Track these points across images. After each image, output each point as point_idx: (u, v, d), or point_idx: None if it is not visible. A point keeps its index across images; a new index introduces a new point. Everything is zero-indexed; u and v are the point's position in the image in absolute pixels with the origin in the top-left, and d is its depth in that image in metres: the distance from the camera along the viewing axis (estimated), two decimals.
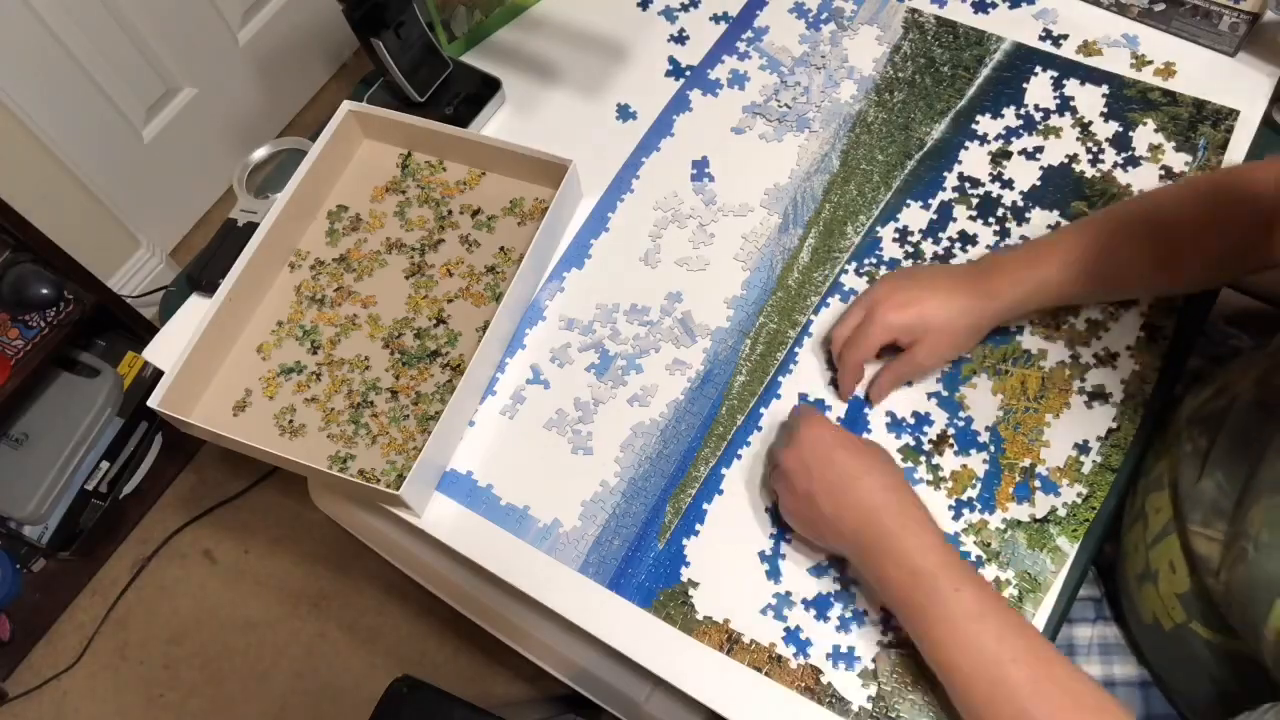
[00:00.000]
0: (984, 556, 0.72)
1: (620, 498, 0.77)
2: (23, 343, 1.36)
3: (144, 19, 1.53)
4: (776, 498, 0.73)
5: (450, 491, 0.79)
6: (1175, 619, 0.68)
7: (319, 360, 0.84)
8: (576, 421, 0.80)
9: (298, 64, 1.93)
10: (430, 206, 0.91)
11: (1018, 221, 0.85)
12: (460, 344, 0.84)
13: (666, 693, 0.86)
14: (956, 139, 0.89)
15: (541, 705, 1.41)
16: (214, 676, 1.55)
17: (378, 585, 1.57)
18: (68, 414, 1.55)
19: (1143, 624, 0.73)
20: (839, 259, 0.85)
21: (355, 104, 0.90)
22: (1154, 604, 0.70)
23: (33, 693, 1.55)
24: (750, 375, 0.81)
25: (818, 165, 0.90)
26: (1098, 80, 0.90)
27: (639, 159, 0.92)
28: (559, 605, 0.74)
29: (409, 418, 0.81)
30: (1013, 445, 0.76)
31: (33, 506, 1.50)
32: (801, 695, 0.69)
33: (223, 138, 1.82)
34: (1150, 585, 0.71)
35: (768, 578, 0.73)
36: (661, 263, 0.87)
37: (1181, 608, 0.67)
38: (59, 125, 1.48)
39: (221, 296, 0.82)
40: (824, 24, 0.97)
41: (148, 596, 1.61)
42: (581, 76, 0.97)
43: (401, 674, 1.01)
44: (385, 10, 0.85)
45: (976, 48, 0.94)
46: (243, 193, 0.96)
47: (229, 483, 1.68)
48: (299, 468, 0.77)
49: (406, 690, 0.99)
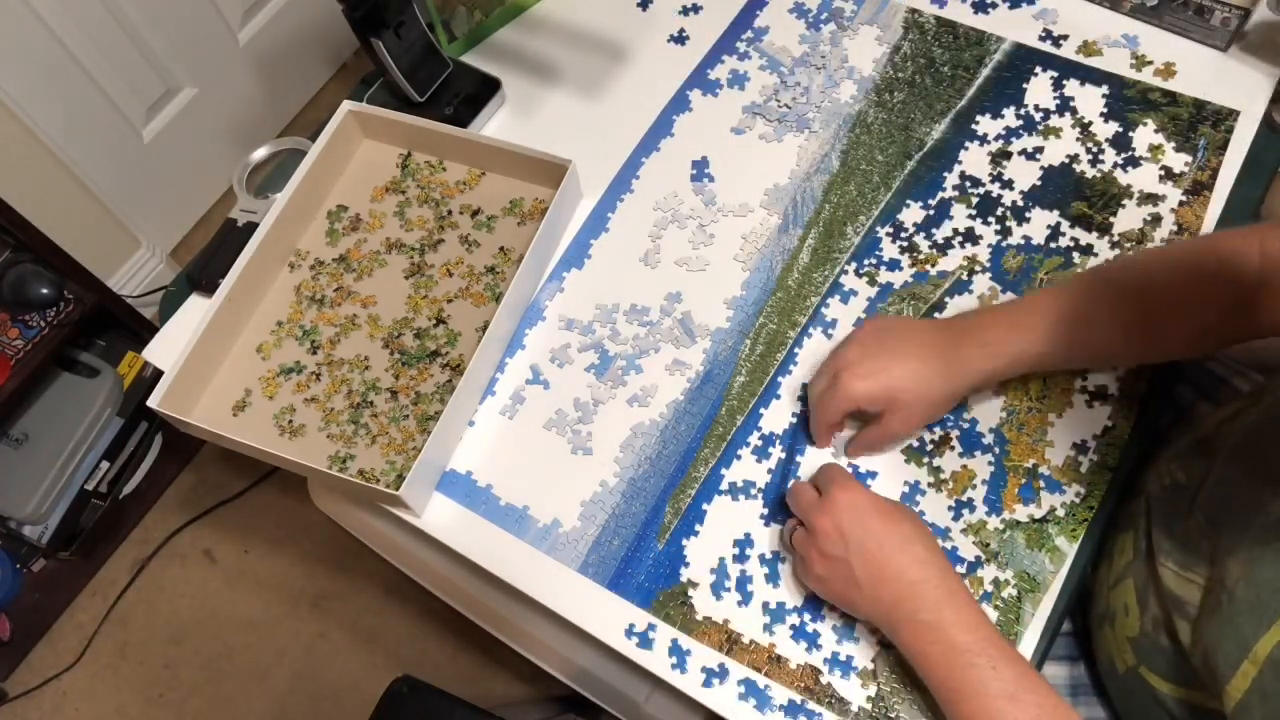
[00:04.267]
0: (983, 557, 0.72)
1: (620, 498, 0.77)
2: (23, 343, 1.36)
3: (144, 19, 1.53)
4: (794, 553, 0.71)
5: (450, 491, 0.79)
6: (1127, 662, 0.69)
7: (319, 360, 0.84)
8: (576, 422, 0.80)
9: (298, 64, 1.93)
10: (430, 206, 0.91)
11: (1018, 221, 0.85)
12: (460, 344, 0.84)
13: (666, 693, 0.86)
14: (956, 139, 0.89)
15: (541, 705, 1.41)
16: (214, 676, 1.55)
17: (378, 585, 1.57)
18: (68, 414, 1.55)
19: (1103, 665, 0.73)
20: (839, 259, 0.85)
21: (355, 104, 0.90)
22: (1110, 645, 0.71)
23: (33, 693, 1.55)
24: (750, 376, 0.81)
25: (818, 165, 0.90)
26: (1098, 80, 0.90)
27: (639, 159, 0.92)
28: (559, 605, 0.74)
29: (409, 418, 0.81)
30: (1017, 446, 0.76)
31: (33, 506, 1.50)
32: (801, 695, 0.69)
33: (223, 138, 1.82)
34: (1108, 626, 0.71)
35: (767, 581, 0.73)
36: (661, 263, 0.87)
37: (1132, 652, 0.68)
38: (59, 125, 1.48)
39: (221, 296, 0.82)
40: (824, 24, 0.97)
41: (148, 596, 1.61)
42: (581, 76, 0.97)
43: (401, 674, 1.01)
44: (385, 10, 0.85)
45: (976, 48, 0.94)
46: (243, 193, 0.96)
47: (229, 483, 1.68)
48: (299, 468, 0.77)
49: (406, 690, 0.99)
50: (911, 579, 0.64)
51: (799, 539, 0.70)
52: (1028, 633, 0.70)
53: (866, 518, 0.66)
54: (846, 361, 0.72)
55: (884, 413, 0.72)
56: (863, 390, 0.70)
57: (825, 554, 0.66)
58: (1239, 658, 0.55)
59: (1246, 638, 0.54)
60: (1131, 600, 0.68)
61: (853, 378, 0.71)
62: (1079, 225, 0.84)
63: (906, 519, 0.67)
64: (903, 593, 0.64)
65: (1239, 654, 0.55)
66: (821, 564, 0.67)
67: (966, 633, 0.62)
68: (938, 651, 0.62)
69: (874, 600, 0.65)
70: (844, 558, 0.65)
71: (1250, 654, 0.54)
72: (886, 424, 0.72)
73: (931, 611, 0.63)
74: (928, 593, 0.63)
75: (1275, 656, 0.52)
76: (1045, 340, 0.70)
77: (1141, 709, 0.69)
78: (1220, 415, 0.71)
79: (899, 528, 0.66)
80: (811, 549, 0.68)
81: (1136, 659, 0.68)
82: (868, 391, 0.70)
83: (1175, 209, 0.83)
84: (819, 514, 0.67)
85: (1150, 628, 0.66)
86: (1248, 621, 0.55)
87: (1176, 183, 0.85)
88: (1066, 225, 0.84)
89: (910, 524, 0.67)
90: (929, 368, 0.70)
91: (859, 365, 0.71)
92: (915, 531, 0.66)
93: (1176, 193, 0.84)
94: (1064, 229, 0.84)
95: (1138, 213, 0.84)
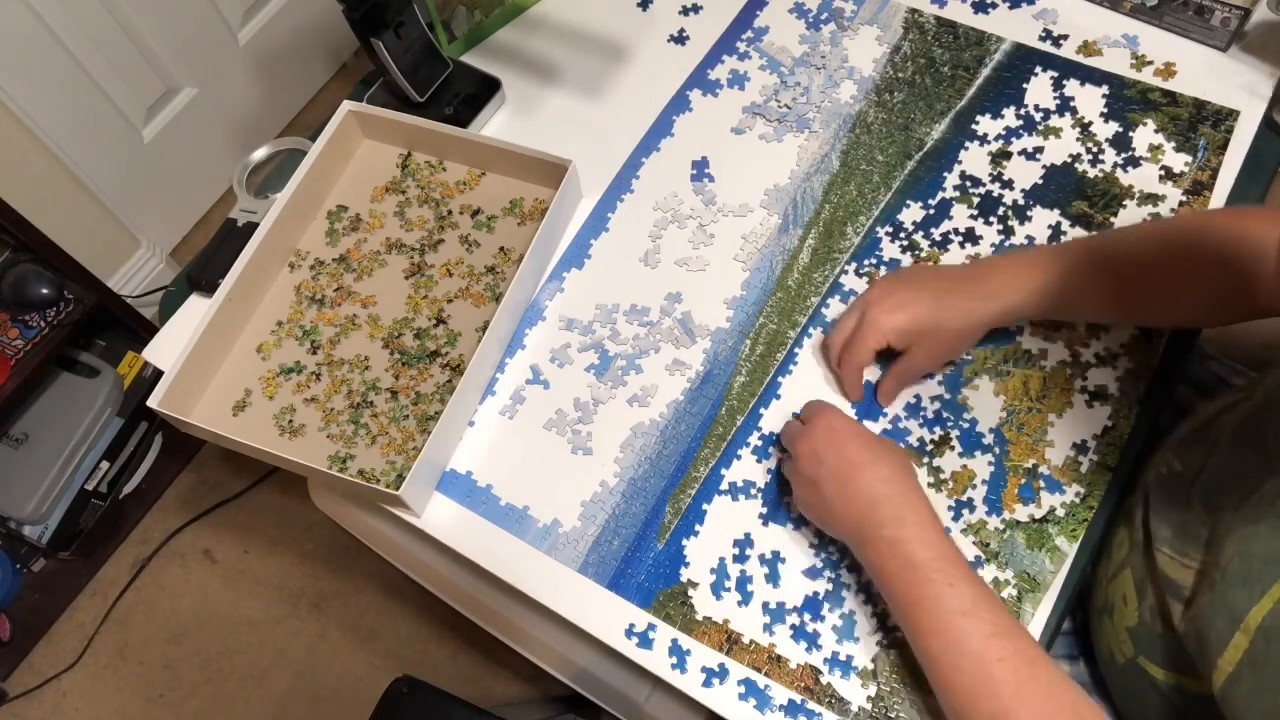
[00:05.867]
0: (983, 557, 0.72)
1: (620, 498, 0.77)
2: (23, 343, 1.36)
3: (144, 19, 1.53)
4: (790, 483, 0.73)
5: (450, 491, 0.79)
6: (1126, 653, 0.69)
7: (319, 360, 0.84)
8: (576, 422, 0.80)
9: (298, 64, 1.93)
10: (430, 206, 0.91)
11: (1019, 220, 0.85)
12: (460, 344, 0.84)
13: (666, 693, 0.86)
14: (956, 139, 0.89)
15: (541, 705, 1.41)
16: (214, 676, 1.55)
17: (378, 585, 1.57)
18: (68, 414, 1.55)
19: (1102, 658, 0.74)
20: (839, 259, 0.85)
21: (355, 104, 0.90)
22: (1109, 637, 0.71)
23: (33, 693, 1.55)
24: (750, 376, 0.81)
25: (818, 165, 0.90)
26: (1098, 80, 0.90)
27: (639, 159, 0.92)
28: (559, 605, 0.74)
29: (409, 418, 0.81)
30: (1017, 446, 0.76)
31: (33, 506, 1.50)
32: (801, 695, 0.69)
33: (223, 138, 1.82)
34: (1107, 619, 0.72)
35: (767, 581, 0.73)
36: (661, 263, 0.87)
37: (1131, 642, 0.68)
38: (59, 125, 1.48)
39: (221, 296, 0.82)
40: (824, 24, 0.97)
41: (148, 596, 1.61)
42: (581, 76, 0.97)
43: (401, 674, 1.01)
44: (385, 10, 0.85)
45: (976, 48, 0.94)
46: (243, 193, 0.96)
47: (229, 483, 1.68)
48: (299, 468, 0.77)
49: (406, 690, 0.99)
50: (874, 495, 0.66)
51: (786, 467, 0.73)
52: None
53: (840, 440, 0.69)
54: (873, 299, 0.75)
55: (910, 347, 0.74)
56: (891, 323, 0.73)
57: (804, 476, 0.70)
58: (1231, 630, 0.55)
59: (1239, 610, 0.55)
60: (1130, 590, 0.69)
61: (881, 312, 0.73)
62: (1079, 225, 0.84)
63: (880, 443, 0.70)
64: (865, 509, 0.66)
65: (1231, 627, 0.55)
66: (801, 486, 0.70)
67: (926, 549, 0.63)
68: (896, 566, 0.64)
69: (842, 518, 0.68)
70: (818, 477, 0.68)
71: (1242, 624, 0.54)
72: (911, 357, 0.75)
73: (893, 527, 0.65)
74: (889, 510, 0.65)
75: (1266, 625, 0.53)
76: (1063, 283, 0.73)
77: (1140, 700, 0.69)
78: (1217, 405, 0.71)
79: (868, 450, 0.68)
80: (794, 474, 0.71)
81: (1135, 649, 0.68)
82: (896, 324, 0.73)
83: (1175, 209, 0.83)
84: (801, 439, 0.71)
85: (1148, 616, 0.67)
86: (1239, 594, 0.55)
87: (1176, 183, 0.85)
88: (1067, 225, 0.84)
89: (882, 446, 0.69)
90: (952, 300, 0.73)
91: (886, 300, 0.74)
92: (886, 452, 0.69)
93: (1176, 193, 0.84)
94: (1065, 229, 0.84)
95: (1138, 212, 0.84)
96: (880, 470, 0.67)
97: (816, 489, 0.68)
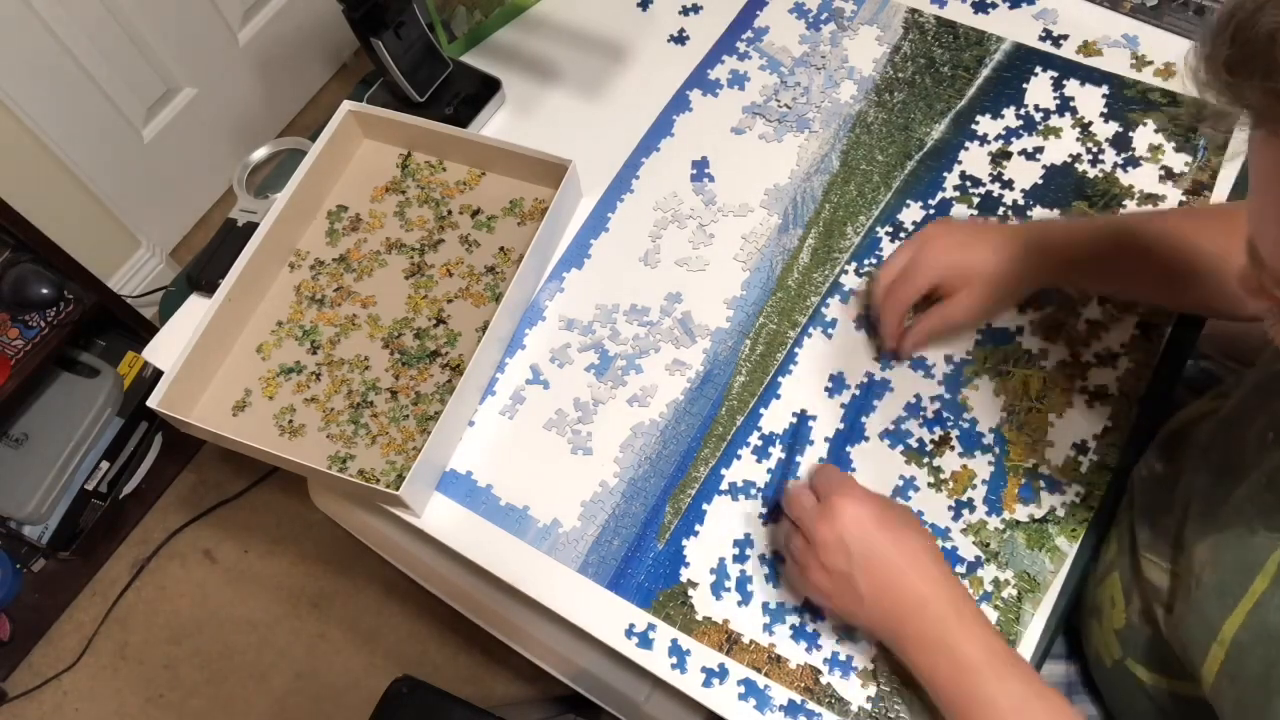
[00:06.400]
0: (983, 557, 0.72)
1: (620, 498, 0.77)
2: (23, 343, 1.36)
3: (144, 19, 1.53)
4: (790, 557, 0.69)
5: (450, 491, 0.79)
6: (1113, 655, 0.69)
7: (319, 360, 0.84)
8: (576, 422, 0.80)
9: (298, 64, 1.93)
10: (430, 206, 0.91)
11: (1020, 220, 0.84)
12: (460, 344, 0.84)
13: (666, 693, 0.86)
14: (956, 139, 0.89)
15: (541, 705, 1.41)
16: (214, 676, 1.55)
17: (378, 585, 1.57)
18: (68, 414, 1.55)
19: (1091, 660, 0.74)
20: (839, 259, 0.85)
21: (355, 104, 0.90)
22: (1098, 640, 0.71)
23: (33, 693, 1.55)
24: (750, 376, 0.81)
25: (818, 165, 0.90)
26: (1098, 80, 0.90)
27: (639, 159, 0.92)
28: (559, 605, 0.74)
29: (409, 418, 0.81)
30: (1017, 446, 0.76)
31: (33, 506, 1.50)
32: (801, 695, 0.69)
33: (223, 138, 1.82)
34: (1095, 621, 0.71)
35: (767, 581, 0.73)
36: (661, 263, 0.87)
37: (1118, 644, 0.68)
38: (59, 125, 1.48)
39: (221, 296, 0.82)
40: (824, 24, 0.97)
41: (148, 596, 1.61)
42: (581, 76, 0.97)
43: (401, 674, 1.01)
44: (385, 10, 0.85)
45: (976, 48, 0.94)
46: (243, 193, 0.96)
47: (229, 483, 1.68)
48: (298, 468, 0.77)
49: (406, 690, 0.99)
50: (920, 596, 0.62)
51: (798, 547, 0.67)
52: (1027, 633, 0.70)
53: (871, 530, 0.63)
54: (930, 235, 0.73)
55: (954, 292, 0.72)
56: (947, 259, 0.71)
57: (827, 566, 0.64)
58: (1208, 641, 0.55)
59: (1214, 621, 0.55)
60: (1118, 593, 0.68)
61: (939, 250, 0.72)
62: None
63: (911, 529, 0.65)
64: (909, 609, 0.63)
65: (1208, 638, 0.55)
66: (822, 575, 0.65)
67: (975, 648, 0.61)
68: (945, 667, 0.61)
69: (878, 615, 0.64)
70: (847, 571, 0.63)
71: (1218, 637, 0.54)
72: (955, 302, 0.73)
73: (939, 627, 0.62)
74: (936, 609, 0.62)
75: (1240, 639, 0.53)
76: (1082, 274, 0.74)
77: (1129, 702, 0.69)
78: (1198, 408, 0.71)
79: (906, 542, 0.64)
80: (811, 559, 0.65)
81: (1123, 651, 0.68)
82: (952, 261, 0.71)
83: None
84: (820, 522, 0.64)
85: (1135, 619, 0.66)
86: (1214, 605, 0.55)
87: (1176, 183, 0.85)
88: None
89: (915, 535, 0.65)
90: (1009, 248, 0.72)
91: (945, 238, 0.73)
92: (921, 544, 0.64)
93: (1176, 193, 0.84)
94: None
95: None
96: (923, 567, 0.63)
97: (847, 582, 0.64)
